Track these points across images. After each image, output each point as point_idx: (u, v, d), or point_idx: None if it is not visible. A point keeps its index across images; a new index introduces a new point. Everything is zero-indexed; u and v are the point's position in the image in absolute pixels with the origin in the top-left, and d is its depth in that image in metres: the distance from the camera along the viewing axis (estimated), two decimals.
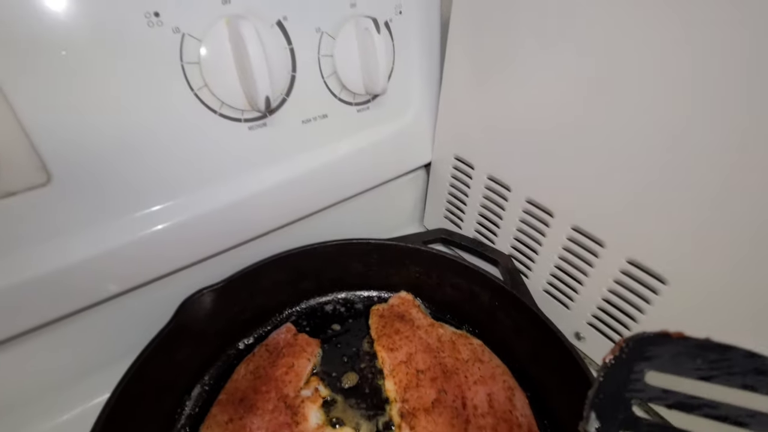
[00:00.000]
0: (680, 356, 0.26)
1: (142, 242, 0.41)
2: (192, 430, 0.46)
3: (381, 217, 0.71)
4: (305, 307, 0.61)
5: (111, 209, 0.39)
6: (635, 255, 0.44)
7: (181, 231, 0.43)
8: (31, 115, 0.33)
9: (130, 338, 0.45)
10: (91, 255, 0.38)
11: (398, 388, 0.50)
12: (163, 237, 0.42)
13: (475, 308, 0.58)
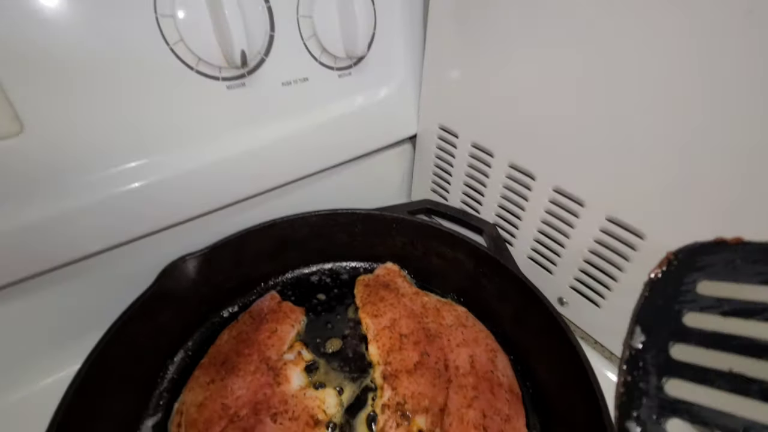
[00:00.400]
0: (737, 263, 0.24)
1: (116, 199, 0.41)
2: (174, 393, 0.46)
3: (367, 191, 0.71)
4: (290, 278, 0.61)
5: (85, 163, 0.39)
6: (614, 212, 0.44)
7: (157, 190, 0.43)
8: (4, 65, 0.33)
9: (110, 306, 0.44)
10: (63, 210, 0.38)
11: (381, 351, 0.50)
12: (138, 195, 0.42)
13: (460, 276, 0.58)
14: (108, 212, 0.41)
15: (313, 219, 0.60)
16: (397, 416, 0.44)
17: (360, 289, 0.58)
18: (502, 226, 0.60)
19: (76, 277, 0.47)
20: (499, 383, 0.47)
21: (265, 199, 0.59)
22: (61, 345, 0.48)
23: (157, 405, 0.45)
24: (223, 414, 0.42)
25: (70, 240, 0.40)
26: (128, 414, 0.43)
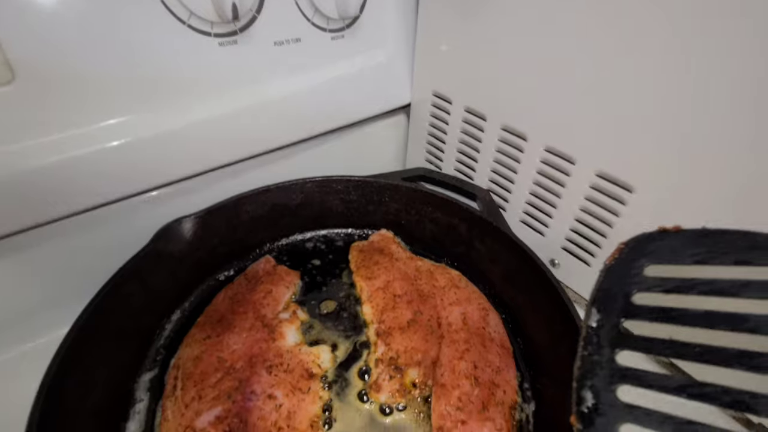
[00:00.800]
0: (677, 247, 0.28)
1: (104, 155, 0.41)
2: (171, 350, 0.47)
3: (362, 162, 0.71)
4: (285, 244, 0.62)
5: (74, 116, 0.39)
6: (604, 167, 0.44)
7: (145, 147, 0.43)
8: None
9: (107, 269, 0.44)
10: (51, 161, 0.38)
11: (375, 311, 0.51)
12: (125, 152, 0.42)
13: (454, 241, 0.59)
14: (96, 167, 0.41)
15: (308, 186, 0.60)
16: (390, 369, 0.45)
17: (354, 255, 0.59)
18: (496, 191, 0.60)
19: (70, 236, 0.47)
20: (490, 338, 0.47)
21: (258, 164, 0.59)
22: (57, 305, 0.48)
23: (154, 360, 0.46)
24: (219, 366, 0.43)
25: (58, 194, 0.40)
26: (125, 368, 0.44)
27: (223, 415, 0.39)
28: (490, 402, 0.41)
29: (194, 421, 0.39)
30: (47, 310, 0.48)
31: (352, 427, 0.41)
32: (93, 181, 0.41)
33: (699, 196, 0.38)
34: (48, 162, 0.38)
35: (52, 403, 0.34)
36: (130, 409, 0.42)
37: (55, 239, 0.47)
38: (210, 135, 0.47)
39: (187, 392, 0.41)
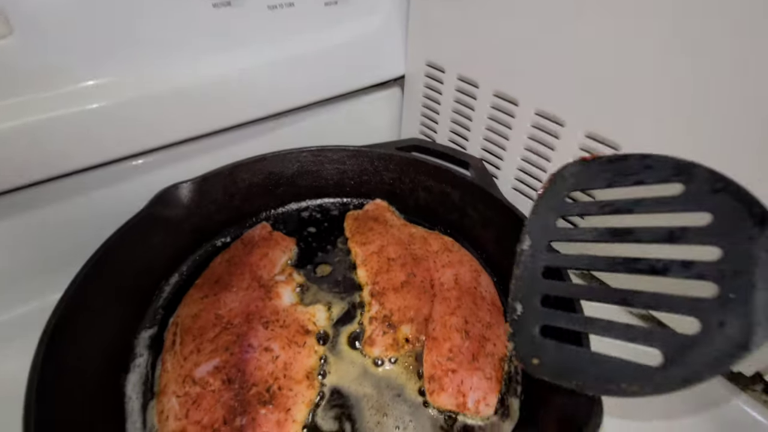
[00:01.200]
0: (593, 174, 0.32)
1: (91, 115, 0.41)
2: (169, 310, 0.48)
3: (357, 135, 0.71)
4: (282, 212, 0.62)
5: (70, 73, 0.39)
6: (592, 128, 0.45)
7: (135, 109, 0.43)
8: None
9: (99, 236, 0.44)
10: (47, 117, 0.39)
11: (369, 273, 0.52)
12: (114, 113, 0.43)
13: (447, 209, 0.60)
14: (88, 126, 0.41)
15: (303, 155, 0.61)
16: (383, 326, 0.46)
17: (349, 223, 0.60)
18: (488, 159, 0.61)
19: (61, 202, 0.48)
20: (481, 297, 0.49)
21: (252, 134, 0.60)
22: (51, 271, 0.49)
23: (153, 319, 0.47)
24: (216, 322, 0.44)
25: (52, 152, 0.41)
26: (125, 323, 0.45)
27: (221, 366, 0.41)
28: (480, 353, 0.43)
29: (193, 372, 0.40)
30: (40, 275, 0.49)
31: (346, 377, 0.43)
32: (83, 140, 0.42)
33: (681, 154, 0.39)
34: (42, 117, 0.39)
35: (54, 349, 0.35)
36: (130, 363, 0.43)
37: (47, 204, 0.48)
38: (200, 99, 0.48)
39: (186, 346, 0.43)
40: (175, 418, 0.38)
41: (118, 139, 0.45)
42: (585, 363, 0.27)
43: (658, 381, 0.23)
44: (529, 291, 0.33)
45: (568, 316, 0.30)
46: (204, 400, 0.38)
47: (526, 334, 0.31)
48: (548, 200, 0.35)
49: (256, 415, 0.37)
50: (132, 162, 0.52)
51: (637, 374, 0.24)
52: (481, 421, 0.40)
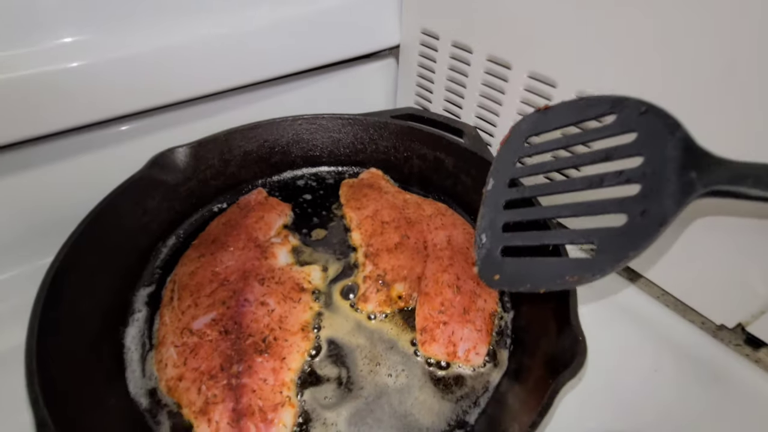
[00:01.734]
0: (547, 121, 0.37)
1: (68, 75, 0.41)
2: (167, 270, 0.49)
3: (352, 106, 0.72)
4: (277, 180, 0.63)
5: (59, 26, 0.39)
6: (583, 87, 0.46)
7: (120, 69, 0.44)
8: None
9: (96, 198, 0.45)
10: (30, 74, 0.39)
11: (364, 236, 0.53)
12: (95, 73, 0.43)
13: (441, 176, 0.61)
14: (68, 85, 0.42)
15: (298, 123, 0.61)
16: (377, 284, 0.47)
17: (345, 190, 0.61)
18: (482, 127, 0.61)
19: (52, 164, 0.49)
20: (474, 256, 0.50)
21: (248, 101, 0.61)
22: (41, 235, 0.48)
23: (151, 277, 0.48)
24: (213, 279, 0.45)
25: (38, 110, 0.41)
26: (124, 280, 0.46)
27: (218, 318, 0.41)
28: (471, 308, 0.44)
29: (191, 324, 0.41)
30: (37, 238, 0.49)
31: (341, 330, 0.44)
32: (55, 103, 0.42)
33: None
34: (22, 73, 0.39)
35: (53, 299, 0.36)
36: (129, 317, 0.44)
37: (38, 167, 0.48)
38: (189, 62, 0.48)
39: (183, 301, 0.44)
40: (173, 365, 0.39)
41: (94, 103, 0.45)
42: (536, 269, 0.31)
43: (594, 267, 0.27)
44: (492, 222, 0.36)
45: (524, 234, 0.34)
46: (201, 349, 0.39)
47: (489, 257, 0.35)
48: (509, 148, 0.39)
49: (252, 363, 0.38)
50: (124, 126, 0.52)
51: (577, 266, 0.28)
52: (471, 369, 0.41)
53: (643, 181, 0.27)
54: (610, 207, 0.29)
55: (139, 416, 0.36)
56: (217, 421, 0.35)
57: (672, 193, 0.26)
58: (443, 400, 0.39)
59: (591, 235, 0.29)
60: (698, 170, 0.25)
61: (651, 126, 0.28)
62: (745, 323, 0.43)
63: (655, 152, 0.27)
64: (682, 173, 0.26)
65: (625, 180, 0.29)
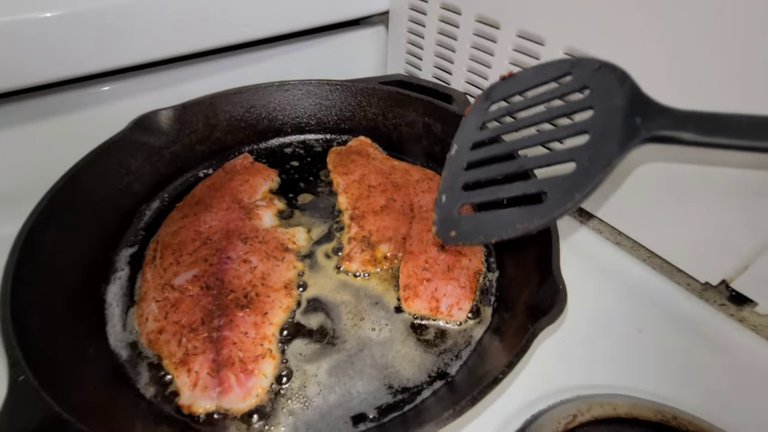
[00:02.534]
0: (508, 87, 0.37)
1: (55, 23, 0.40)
2: (150, 232, 0.48)
3: (343, 75, 0.71)
4: (264, 147, 0.62)
5: None
6: (571, 44, 0.45)
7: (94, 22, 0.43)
8: None
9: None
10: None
11: (350, 200, 0.52)
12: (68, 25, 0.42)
13: (429, 141, 0.60)
14: (44, 36, 0.41)
15: (285, 88, 0.60)
16: (362, 245, 0.47)
17: (332, 157, 0.60)
18: (472, 92, 0.61)
19: (39, 121, 0.48)
20: None
21: (234, 65, 0.59)
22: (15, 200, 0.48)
23: (135, 238, 0.48)
24: (196, 237, 0.45)
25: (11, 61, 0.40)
26: (105, 238, 0.45)
27: (200, 275, 0.41)
28: (455, 266, 0.44)
29: (172, 280, 0.41)
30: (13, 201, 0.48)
31: (325, 289, 0.43)
32: (29, 55, 0.41)
33: (654, 75, 0.39)
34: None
35: (29, 251, 0.35)
36: (110, 276, 0.44)
37: (19, 125, 0.47)
38: (169, 17, 0.47)
39: (165, 259, 0.43)
40: (154, 319, 0.39)
41: (79, 54, 0.44)
42: (489, 221, 0.32)
43: (543, 212, 0.28)
44: (453, 183, 0.37)
45: (480, 192, 0.35)
46: (183, 303, 0.39)
47: (447, 216, 0.35)
48: (473, 115, 0.40)
49: (233, 317, 0.38)
50: (105, 87, 0.51)
51: (526, 214, 0.29)
52: (454, 324, 0.41)
53: (593, 130, 0.28)
54: (560, 157, 0.30)
55: (119, 366, 0.36)
56: (197, 371, 0.35)
57: (617, 138, 0.27)
58: (425, 353, 0.39)
59: (542, 184, 0.29)
60: (643, 117, 0.26)
61: (603, 80, 0.30)
62: (729, 280, 0.43)
63: (605, 104, 0.28)
64: (628, 120, 0.27)
65: (576, 132, 0.30)
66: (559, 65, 0.34)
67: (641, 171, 0.45)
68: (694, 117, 0.25)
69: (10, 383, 0.27)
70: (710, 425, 0.37)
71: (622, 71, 0.29)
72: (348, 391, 0.36)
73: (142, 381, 0.35)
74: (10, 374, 0.27)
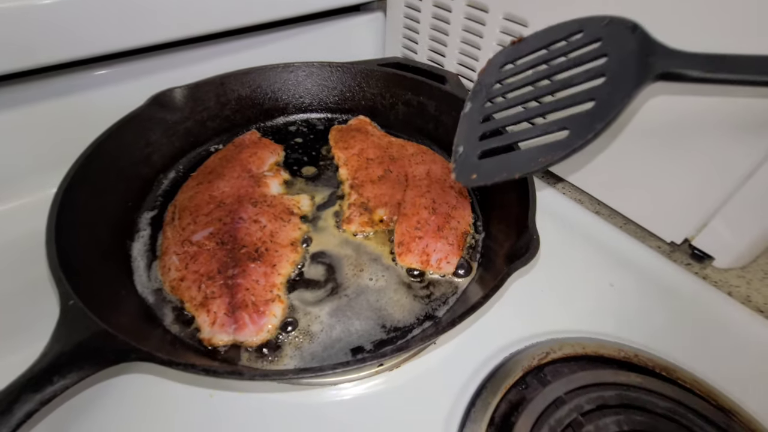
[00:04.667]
0: (518, 50, 0.40)
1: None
2: (167, 198, 0.53)
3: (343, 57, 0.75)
4: (270, 125, 0.67)
5: None
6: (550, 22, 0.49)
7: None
8: None
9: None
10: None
11: (350, 171, 0.57)
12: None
13: (424, 119, 0.64)
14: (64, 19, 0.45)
15: (289, 69, 0.65)
16: (360, 209, 0.51)
17: (334, 134, 0.64)
18: (464, 74, 0.65)
19: (64, 98, 0.52)
20: (450, 186, 0.54)
21: (243, 46, 0.64)
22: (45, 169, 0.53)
23: (154, 204, 0.52)
24: (210, 201, 0.50)
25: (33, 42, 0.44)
26: (128, 201, 0.50)
27: (215, 232, 0.46)
28: (445, 227, 0.48)
29: (191, 237, 0.46)
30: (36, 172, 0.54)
31: (329, 245, 0.48)
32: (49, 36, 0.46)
33: None
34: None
35: (68, 202, 0.40)
36: (135, 234, 0.48)
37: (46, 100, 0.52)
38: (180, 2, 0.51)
39: (183, 219, 0.48)
40: (176, 269, 0.43)
41: (96, 36, 0.48)
42: (510, 159, 0.33)
43: (565, 145, 0.30)
44: (470, 134, 0.38)
45: (499, 137, 0.36)
46: (201, 256, 0.44)
47: (465, 161, 0.37)
48: (486, 76, 0.41)
49: (245, 268, 0.43)
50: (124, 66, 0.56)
51: (548, 148, 0.31)
52: (443, 276, 0.46)
53: (608, 72, 0.31)
54: (579, 97, 0.32)
55: (147, 308, 0.41)
56: (215, 311, 0.40)
57: (634, 75, 0.29)
58: (415, 300, 0.44)
59: (562, 123, 0.31)
60: (655, 56, 0.29)
61: (614, 31, 0.32)
62: (690, 238, 0.48)
63: (617, 49, 0.31)
64: (642, 59, 0.29)
65: (592, 76, 0.32)
66: (569, 25, 0.36)
67: (615, 139, 0.50)
68: (701, 57, 0.28)
69: (61, 308, 0.32)
70: (666, 361, 0.42)
71: (632, 21, 0.31)
72: (347, 329, 0.41)
73: (168, 320, 0.40)
74: (61, 301, 0.32)
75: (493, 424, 0.38)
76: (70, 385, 0.28)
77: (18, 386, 0.27)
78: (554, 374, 0.41)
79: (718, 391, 0.39)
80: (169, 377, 0.39)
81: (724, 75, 0.28)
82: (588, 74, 0.32)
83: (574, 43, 0.35)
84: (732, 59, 0.28)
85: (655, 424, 0.36)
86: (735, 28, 0.38)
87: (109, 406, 0.37)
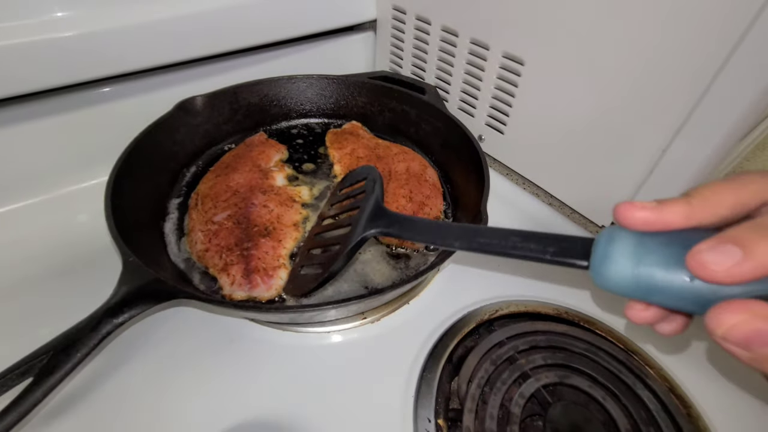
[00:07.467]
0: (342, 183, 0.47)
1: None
2: (190, 188, 0.64)
3: (338, 70, 0.86)
4: (275, 128, 0.78)
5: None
6: (505, 47, 0.61)
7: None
8: None
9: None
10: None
11: (342, 167, 0.68)
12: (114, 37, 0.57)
13: (406, 124, 0.76)
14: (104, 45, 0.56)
15: (293, 81, 0.76)
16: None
17: (330, 136, 0.75)
18: (441, 86, 0.76)
19: (97, 106, 0.63)
20: (425, 180, 0.65)
21: (252, 62, 0.75)
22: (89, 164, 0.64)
23: (179, 192, 0.63)
24: (227, 190, 0.60)
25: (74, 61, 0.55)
26: (161, 190, 0.61)
27: (232, 214, 0.57)
28: (419, 212, 0.59)
29: (212, 218, 0.56)
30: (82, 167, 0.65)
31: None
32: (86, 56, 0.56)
33: (578, 96, 0.55)
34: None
35: (116, 186, 0.51)
36: (166, 216, 0.59)
37: (93, 106, 0.63)
38: (194, 28, 0.62)
39: (205, 204, 0.59)
40: (201, 243, 0.54)
41: (126, 56, 0.59)
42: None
43: (324, 276, 0.42)
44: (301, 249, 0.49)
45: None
46: (221, 232, 0.55)
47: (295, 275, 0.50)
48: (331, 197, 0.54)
49: (257, 242, 0.54)
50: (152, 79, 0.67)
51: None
52: (416, 251, 0.57)
53: (352, 225, 0.41)
54: (335, 240, 0.43)
55: (180, 272, 0.52)
56: (234, 275, 0.51)
57: (357, 232, 0.40)
58: (393, 269, 0.55)
59: (338, 239, 0.43)
60: (374, 219, 0.40)
61: (370, 184, 0.45)
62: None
63: (364, 203, 0.43)
64: (367, 221, 0.40)
65: (347, 224, 0.43)
66: (360, 172, 0.51)
67: (549, 130, 0.61)
68: (400, 219, 0.38)
69: (123, 262, 0.42)
70: (589, 316, 0.53)
71: (374, 185, 0.44)
72: (337, 290, 0.52)
73: (196, 280, 0.51)
74: (123, 258, 0.42)
75: (451, 362, 0.49)
76: (135, 315, 0.38)
77: (100, 313, 0.37)
78: (501, 326, 0.52)
79: (626, 338, 0.50)
80: (205, 310, 0.51)
81: (410, 236, 0.36)
82: (339, 222, 0.46)
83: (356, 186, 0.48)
84: (416, 223, 0.37)
85: (572, 359, 0.47)
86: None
87: (162, 330, 0.49)
